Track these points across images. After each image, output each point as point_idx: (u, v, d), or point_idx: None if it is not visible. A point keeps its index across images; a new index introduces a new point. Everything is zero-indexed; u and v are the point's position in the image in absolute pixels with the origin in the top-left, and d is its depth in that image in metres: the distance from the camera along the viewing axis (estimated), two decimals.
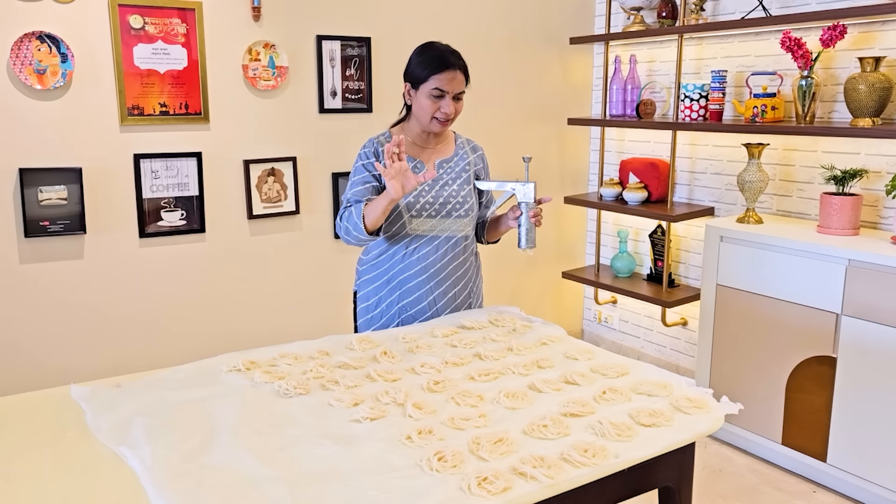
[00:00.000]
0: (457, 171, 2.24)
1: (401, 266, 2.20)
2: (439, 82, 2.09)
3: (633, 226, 4.03)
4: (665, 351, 3.94)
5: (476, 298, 2.33)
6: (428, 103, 2.12)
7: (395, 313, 2.23)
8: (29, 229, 2.76)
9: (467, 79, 2.17)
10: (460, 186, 2.21)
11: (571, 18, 4.02)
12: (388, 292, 2.23)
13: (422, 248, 2.19)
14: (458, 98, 2.14)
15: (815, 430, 2.79)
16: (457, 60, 2.12)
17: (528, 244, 2.13)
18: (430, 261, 2.19)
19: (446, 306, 2.23)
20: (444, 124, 2.16)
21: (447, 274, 2.21)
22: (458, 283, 2.24)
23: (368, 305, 2.28)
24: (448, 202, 2.19)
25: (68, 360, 2.93)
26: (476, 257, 2.34)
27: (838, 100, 3.02)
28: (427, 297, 2.20)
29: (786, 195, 3.26)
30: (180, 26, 2.96)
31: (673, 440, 1.45)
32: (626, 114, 3.84)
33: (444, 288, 2.21)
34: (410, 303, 2.21)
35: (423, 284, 2.19)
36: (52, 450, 1.40)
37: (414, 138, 2.23)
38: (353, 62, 3.37)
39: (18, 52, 2.67)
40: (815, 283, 2.73)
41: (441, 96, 2.11)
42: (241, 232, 3.22)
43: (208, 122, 3.07)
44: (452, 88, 2.11)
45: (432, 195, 2.18)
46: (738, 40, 3.39)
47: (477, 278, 2.34)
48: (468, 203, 2.21)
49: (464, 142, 2.32)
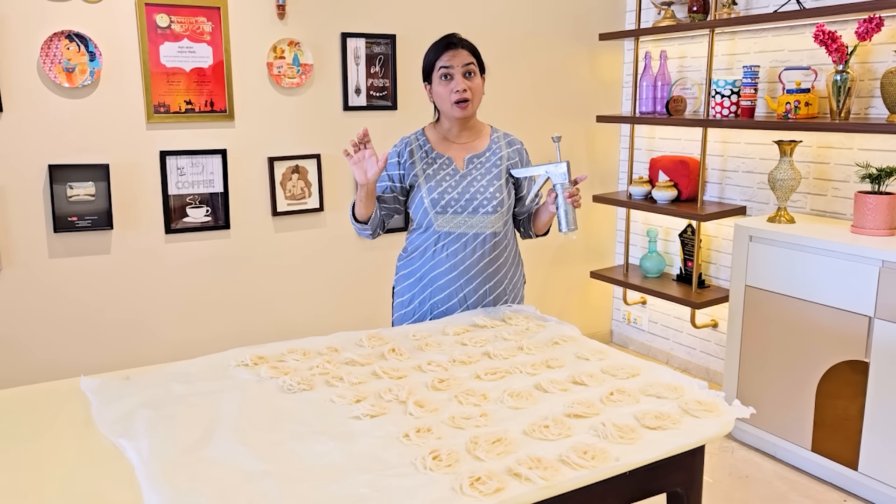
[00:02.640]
0: (487, 166, 2.20)
1: (431, 263, 2.19)
2: (443, 61, 2.10)
3: (662, 225, 3.95)
4: (695, 353, 3.85)
5: (514, 295, 2.29)
6: (442, 89, 2.12)
7: (427, 310, 2.22)
8: (58, 224, 2.83)
9: (478, 59, 2.14)
10: (489, 182, 2.18)
11: (601, 14, 3.96)
12: (421, 289, 2.22)
13: (450, 244, 2.17)
14: (469, 75, 2.12)
15: (847, 437, 2.69)
16: (458, 40, 2.12)
17: (569, 226, 2.05)
18: (459, 258, 2.17)
19: (477, 303, 2.20)
20: (463, 107, 2.12)
21: (478, 271, 2.18)
22: (491, 280, 2.21)
23: (403, 301, 2.28)
24: (475, 198, 2.16)
25: (93, 352, 2.99)
26: (514, 254, 2.30)
27: (875, 95, 2.91)
28: (458, 294, 2.19)
29: (820, 194, 3.16)
30: (206, 24, 2.99)
31: (678, 444, 1.41)
32: (656, 111, 3.77)
33: (475, 285, 2.19)
34: (441, 300, 2.20)
35: (454, 282, 2.18)
36: (53, 441, 1.42)
37: (445, 134, 2.22)
38: (377, 59, 3.37)
39: (48, 50, 2.73)
40: (848, 285, 2.64)
41: (450, 76, 2.10)
42: (265, 229, 3.25)
43: (233, 120, 3.10)
44: (458, 62, 2.10)
45: (458, 191, 2.16)
46: (772, 34, 3.29)
47: (515, 276, 2.29)
48: (497, 199, 2.17)
49: (500, 136, 2.28)
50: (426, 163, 2.18)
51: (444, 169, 2.17)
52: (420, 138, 2.22)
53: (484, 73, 2.17)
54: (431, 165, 2.18)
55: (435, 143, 2.21)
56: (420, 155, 2.19)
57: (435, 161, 2.18)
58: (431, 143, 2.21)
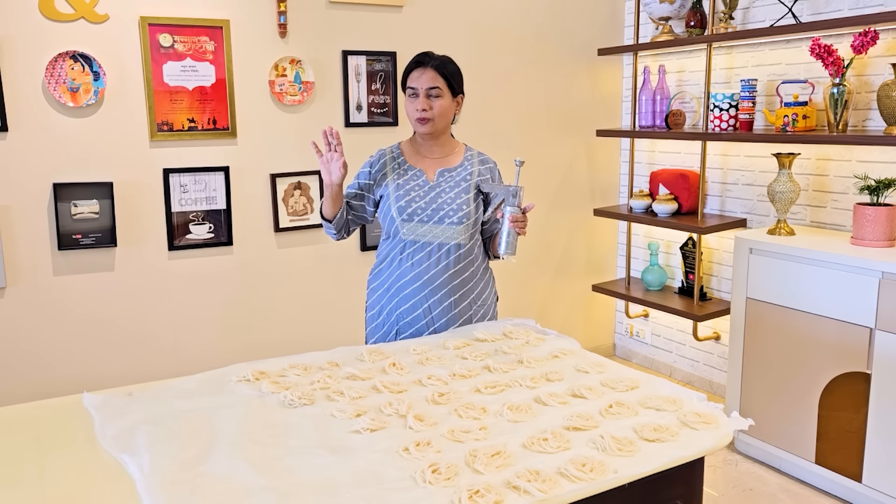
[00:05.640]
0: (457, 180, 2.24)
1: (398, 273, 2.22)
2: (410, 81, 2.18)
3: (663, 238, 3.96)
4: (698, 366, 3.85)
5: (483, 312, 2.29)
6: (408, 105, 2.20)
7: (394, 321, 2.24)
8: (62, 242, 2.85)
9: (447, 79, 2.17)
10: (457, 195, 2.21)
11: (600, 29, 3.99)
12: (388, 299, 2.25)
13: (415, 254, 2.20)
14: (432, 96, 2.16)
15: (850, 449, 2.69)
16: (429, 60, 2.17)
17: (507, 250, 2.06)
18: (423, 267, 2.19)
19: (441, 316, 2.21)
20: (423, 123, 2.17)
21: (442, 282, 2.20)
22: (456, 292, 2.21)
23: (373, 314, 2.31)
24: (441, 208, 2.19)
25: (97, 368, 3.00)
26: (483, 271, 2.30)
27: (872, 107, 2.93)
28: (422, 305, 2.20)
29: (820, 206, 3.17)
30: (208, 44, 3.03)
31: (676, 456, 1.41)
32: (655, 125, 3.79)
33: (440, 297, 2.20)
34: (406, 310, 2.22)
35: (418, 292, 2.20)
36: (56, 456, 1.43)
37: (418, 148, 2.28)
38: (378, 76, 3.40)
39: (53, 70, 2.76)
40: (848, 297, 2.64)
41: (415, 95, 2.16)
42: (267, 245, 3.27)
43: (236, 137, 3.13)
44: (421, 84, 2.15)
45: (426, 201, 2.20)
46: (769, 48, 3.32)
47: (485, 292, 2.29)
48: (463, 211, 2.20)
49: (473, 154, 2.32)
50: (397, 173, 2.24)
51: (414, 179, 2.23)
52: (395, 150, 2.29)
53: (458, 94, 2.21)
54: (402, 176, 2.23)
55: (408, 156, 2.28)
56: (392, 166, 2.25)
57: (406, 172, 2.24)
58: (405, 155, 2.28)
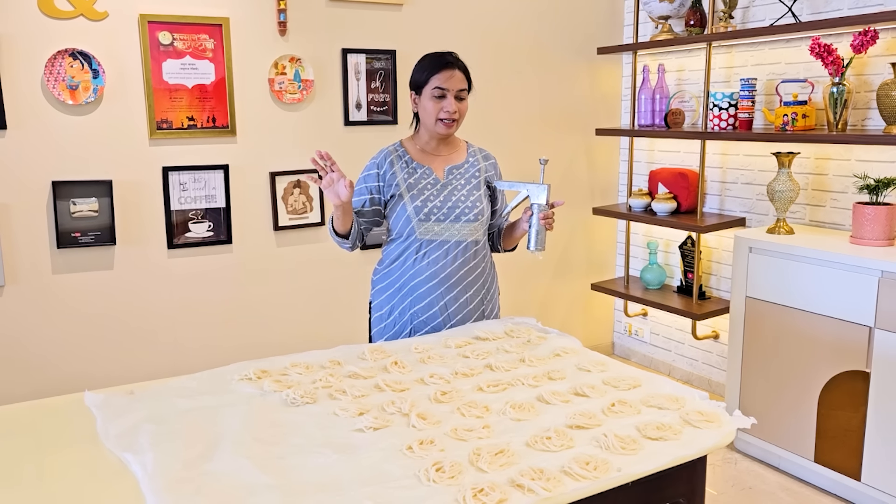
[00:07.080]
0: (466, 176, 2.25)
1: (412, 272, 2.21)
2: (439, 81, 2.13)
3: (663, 237, 3.96)
4: (697, 365, 3.85)
5: (491, 307, 2.31)
6: (431, 105, 2.15)
7: (408, 320, 2.23)
8: (61, 240, 2.84)
9: (469, 80, 2.18)
10: (469, 192, 2.22)
11: (599, 28, 3.99)
12: (400, 299, 2.23)
13: (431, 252, 2.19)
14: (460, 98, 2.16)
15: (849, 448, 2.69)
16: (455, 60, 2.16)
17: (538, 246, 2.11)
18: (440, 266, 2.19)
19: (458, 312, 2.22)
20: (448, 126, 2.17)
21: (458, 279, 2.20)
22: (470, 289, 2.23)
23: (382, 314, 2.29)
24: (457, 206, 2.19)
25: (97, 367, 2.99)
26: (491, 265, 2.33)
27: (871, 107, 2.94)
28: (438, 303, 2.20)
29: (819, 205, 3.18)
30: (208, 42, 3.02)
31: (679, 454, 1.41)
32: (654, 123, 3.79)
33: (455, 294, 2.20)
34: (421, 309, 2.21)
35: (434, 290, 2.19)
36: (59, 455, 1.43)
37: (423, 146, 2.26)
38: (378, 75, 3.39)
39: (52, 68, 2.75)
40: (848, 296, 2.65)
41: (443, 96, 2.14)
42: (267, 243, 3.26)
43: (235, 136, 3.13)
44: (452, 86, 2.13)
45: (440, 199, 2.19)
46: (768, 48, 3.32)
47: (492, 286, 2.32)
48: (478, 207, 2.21)
49: (475, 150, 2.33)
50: (407, 173, 2.21)
51: (425, 178, 2.21)
52: (399, 149, 2.26)
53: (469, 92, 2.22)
54: (413, 175, 2.21)
55: (414, 155, 2.25)
56: (400, 165, 2.22)
57: (416, 171, 2.22)
58: (411, 154, 2.25)
